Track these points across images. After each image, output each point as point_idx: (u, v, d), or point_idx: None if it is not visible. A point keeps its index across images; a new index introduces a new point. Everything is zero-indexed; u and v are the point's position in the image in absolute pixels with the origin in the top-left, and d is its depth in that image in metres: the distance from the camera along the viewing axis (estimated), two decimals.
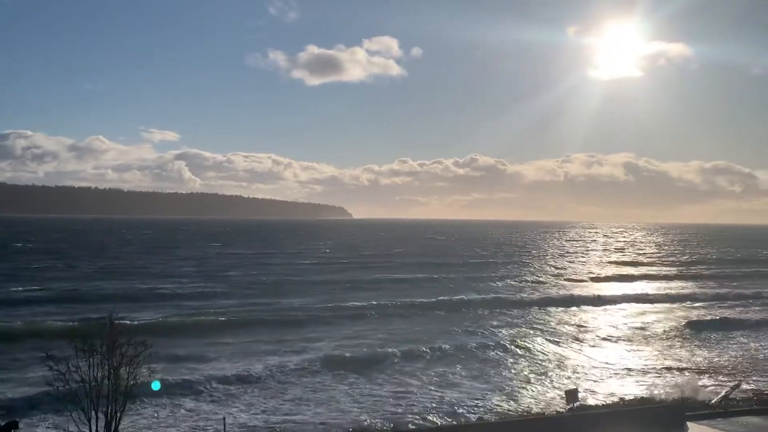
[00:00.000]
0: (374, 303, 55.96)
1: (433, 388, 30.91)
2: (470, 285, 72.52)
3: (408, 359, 35.49)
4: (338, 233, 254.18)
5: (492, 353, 38.10)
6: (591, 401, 28.08)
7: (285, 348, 38.70)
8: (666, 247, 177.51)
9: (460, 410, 27.23)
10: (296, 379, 31.68)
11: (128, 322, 36.93)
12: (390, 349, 37.10)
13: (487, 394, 30.00)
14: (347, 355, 36.14)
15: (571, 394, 26.72)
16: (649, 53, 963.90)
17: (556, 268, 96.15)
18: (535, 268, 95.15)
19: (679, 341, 43.41)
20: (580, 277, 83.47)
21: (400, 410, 27.21)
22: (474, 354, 37.47)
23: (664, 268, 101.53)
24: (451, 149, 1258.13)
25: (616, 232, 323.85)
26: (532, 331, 45.94)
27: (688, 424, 23.18)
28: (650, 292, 69.70)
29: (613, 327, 48.86)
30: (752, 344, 41.98)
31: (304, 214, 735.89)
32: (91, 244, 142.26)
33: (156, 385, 38.19)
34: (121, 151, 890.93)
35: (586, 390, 29.75)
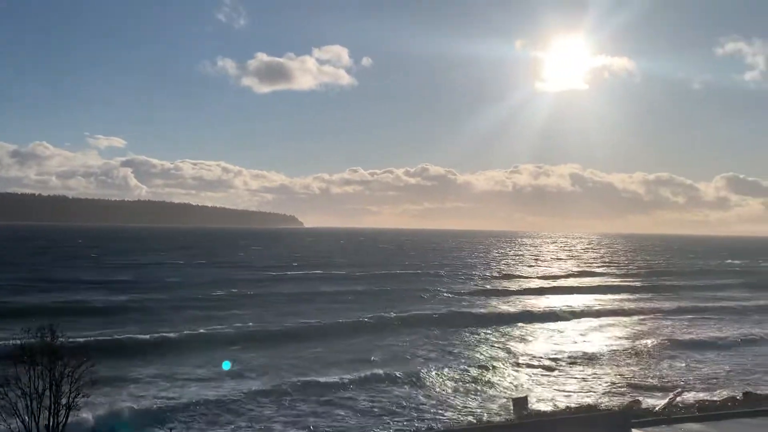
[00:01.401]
0: (311, 322, 50.98)
1: None
2: (404, 298, 68.37)
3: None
4: (287, 242, 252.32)
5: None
6: (540, 409, 28.33)
7: (202, 374, 34.26)
8: (611, 258, 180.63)
9: None
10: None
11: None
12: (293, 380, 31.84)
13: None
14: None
15: (520, 402, 26.94)
16: (594, 67, 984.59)
17: (494, 280, 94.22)
18: (473, 281, 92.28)
19: (622, 352, 44.05)
20: (520, 290, 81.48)
21: None
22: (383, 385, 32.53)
23: (610, 279, 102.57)
24: (402, 159, 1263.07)
25: (562, 242, 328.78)
26: (458, 354, 42.21)
27: (633, 431, 23.57)
28: (593, 304, 69.76)
29: (555, 341, 49.20)
30: (696, 355, 42.95)
31: (254, 223, 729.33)
32: (20, 252, 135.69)
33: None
34: (65, 157, 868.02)
35: (534, 398, 29.96)
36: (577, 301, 69.84)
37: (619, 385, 33.65)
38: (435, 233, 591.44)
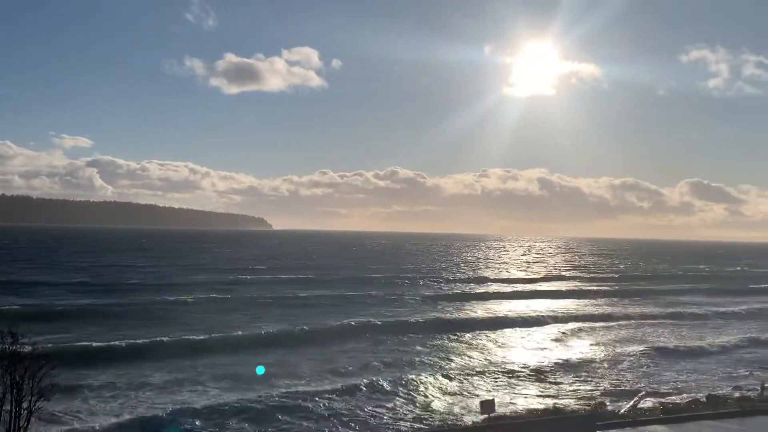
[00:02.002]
0: (272, 330, 48.26)
1: None
2: (369, 304, 66.41)
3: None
4: (254, 244, 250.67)
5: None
6: (506, 412, 28.44)
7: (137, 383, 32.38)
8: (578, 262, 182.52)
9: None
10: None
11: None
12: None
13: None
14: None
15: (487, 405, 26.97)
16: (561, 72, 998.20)
17: (461, 284, 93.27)
18: (440, 285, 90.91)
19: (589, 356, 44.45)
20: (486, 293, 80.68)
21: None
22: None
23: (577, 284, 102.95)
24: (371, 161, 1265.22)
25: (529, 246, 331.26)
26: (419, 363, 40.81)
27: None
28: (560, 309, 69.67)
29: (523, 346, 49.43)
30: (660, 360, 43.46)
31: (222, 225, 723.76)
32: None
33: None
34: (29, 156, 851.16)
35: (501, 401, 30.05)
36: (545, 306, 69.46)
37: (586, 388, 33.90)
38: (404, 236, 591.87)
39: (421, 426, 27.15)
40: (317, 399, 30.01)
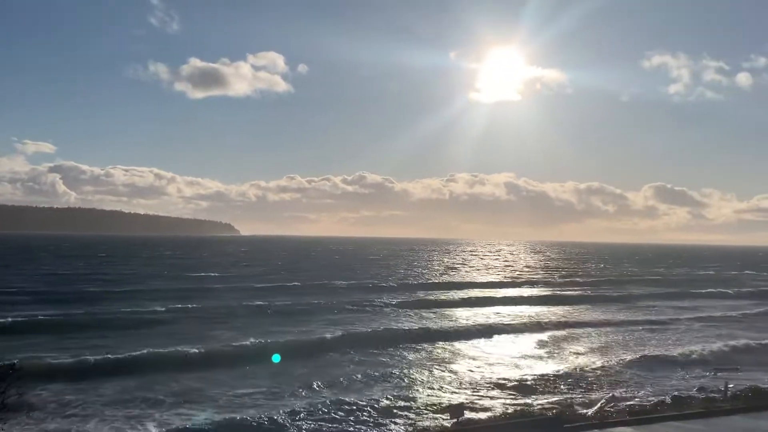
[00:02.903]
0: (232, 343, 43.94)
1: None
2: (333, 312, 63.40)
3: None
4: (220, 250, 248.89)
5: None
6: (475, 415, 28.39)
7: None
8: (546, 266, 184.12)
9: None
10: None
11: None
12: None
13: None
14: None
15: (456, 409, 26.92)
16: (526, 78, 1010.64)
17: (427, 290, 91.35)
18: (407, 291, 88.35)
19: (556, 359, 44.72)
20: (453, 300, 78.18)
21: None
22: None
23: (545, 289, 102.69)
24: (339, 166, 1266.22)
25: (497, 250, 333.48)
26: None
27: None
28: (527, 314, 69.51)
29: (491, 355, 49.43)
30: (627, 357, 43.87)
31: (189, 231, 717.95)
32: None
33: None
34: None
35: (469, 404, 30.00)
36: (517, 312, 69.21)
37: (553, 391, 34.01)
38: (373, 241, 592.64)
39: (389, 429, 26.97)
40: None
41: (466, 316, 64.28)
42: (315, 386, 33.77)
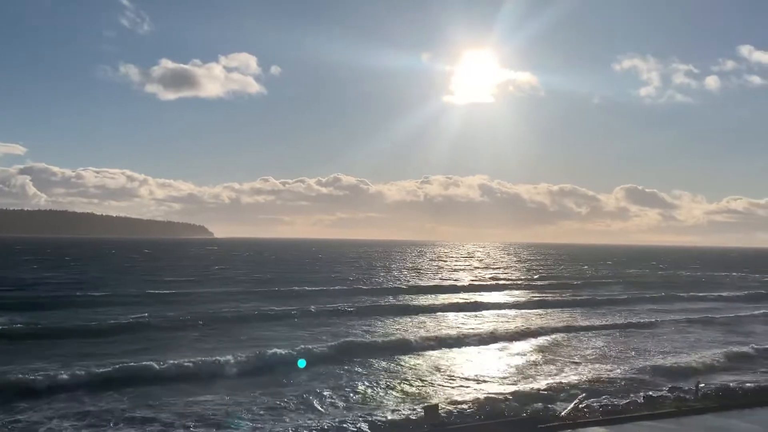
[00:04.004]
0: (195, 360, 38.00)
1: None
2: (303, 320, 58.89)
3: None
4: (195, 253, 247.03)
5: None
6: (450, 417, 28.40)
7: None
8: (521, 267, 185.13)
9: None
10: None
11: None
12: None
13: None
14: None
15: (431, 411, 26.87)
16: (499, 81, 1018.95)
17: (402, 295, 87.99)
18: (382, 296, 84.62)
19: (526, 359, 44.98)
20: (428, 306, 74.92)
21: None
22: None
23: (522, 292, 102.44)
24: (313, 168, 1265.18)
25: (471, 251, 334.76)
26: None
27: None
28: (503, 320, 70.16)
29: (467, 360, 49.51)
30: (599, 362, 44.21)
31: (161, 233, 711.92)
32: None
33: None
34: None
35: (444, 406, 30.00)
36: (487, 316, 68.27)
37: (528, 393, 34.16)
38: (348, 243, 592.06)
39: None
40: None
41: (438, 321, 62.87)
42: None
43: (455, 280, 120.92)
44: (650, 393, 32.28)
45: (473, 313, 68.69)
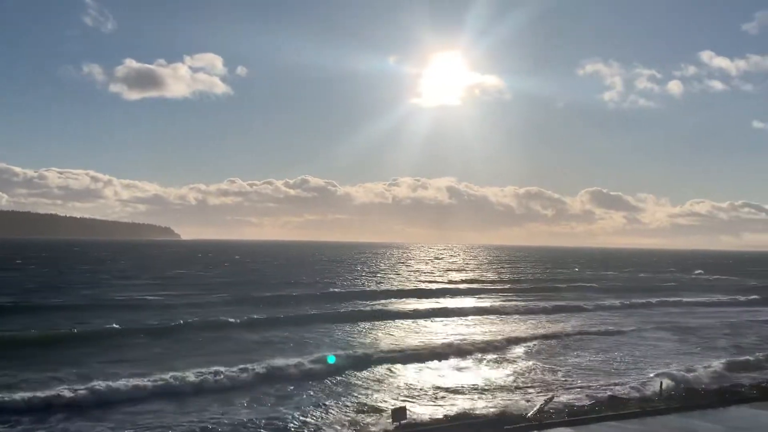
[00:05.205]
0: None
1: None
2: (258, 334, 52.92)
3: None
4: (159, 255, 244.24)
5: None
6: (418, 419, 28.39)
7: None
8: (489, 269, 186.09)
9: None
10: None
11: None
12: None
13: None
14: None
15: (399, 412, 26.86)
16: (466, 84, 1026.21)
17: (367, 300, 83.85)
18: (347, 302, 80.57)
19: (493, 362, 45.17)
20: (393, 312, 71.59)
21: None
22: None
23: (491, 296, 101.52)
24: (281, 170, 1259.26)
25: (440, 253, 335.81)
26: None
27: None
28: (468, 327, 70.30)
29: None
30: (568, 359, 44.60)
31: (126, 235, 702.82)
32: None
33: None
34: None
35: (411, 408, 29.96)
36: (454, 320, 67.61)
37: (494, 395, 34.32)
38: (316, 245, 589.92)
39: None
40: None
41: (405, 327, 60.81)
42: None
43: (421, 283, 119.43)
44: (615, 393, 32.63)
45: (439, 319, 66.45)
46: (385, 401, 32.03)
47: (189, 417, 28.22)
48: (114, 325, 52.76)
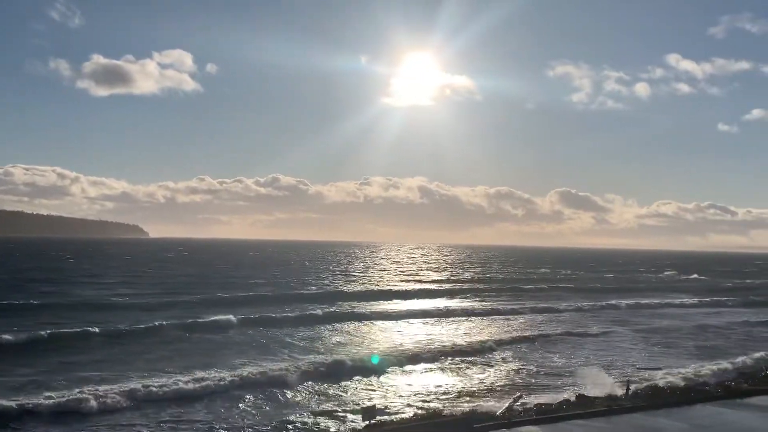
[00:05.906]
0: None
1: None
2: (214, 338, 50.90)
3: None
4: (128, 253, 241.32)
5: None
6: (388, 418, 28.45)
7: None
8: (466, 269, 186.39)
9: None
10: None
11: None
12: None
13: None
14: None
15: (369, 411, 26.85)
16: (438, 84, 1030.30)
17: (339, 302, 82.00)
18: (316, 304, 78.09)
19: (460, 363, 45.35)
20: (366, 314, 70.14)
21: None
22: None
23: (478, 297, 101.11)
24: (251, 168, 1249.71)
25: (411, 253, 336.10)
26: None
27: None
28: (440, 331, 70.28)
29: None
30: (538, 360, 44.91)
31: (94, 233, 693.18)
32: None
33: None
34: None
35: (381, 407, 30.01)
36: (425, 321, 67.47)
37: (463, 394, 34.48)
38: (286, 244, 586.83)
39: None
40: None
41: (376, 328, 60.68)
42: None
43: (391, 284, 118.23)
44: (583, 392, 32.92)
45: (409, 321, 66.38)
46: (355, 401, 32.11)
47: None
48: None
